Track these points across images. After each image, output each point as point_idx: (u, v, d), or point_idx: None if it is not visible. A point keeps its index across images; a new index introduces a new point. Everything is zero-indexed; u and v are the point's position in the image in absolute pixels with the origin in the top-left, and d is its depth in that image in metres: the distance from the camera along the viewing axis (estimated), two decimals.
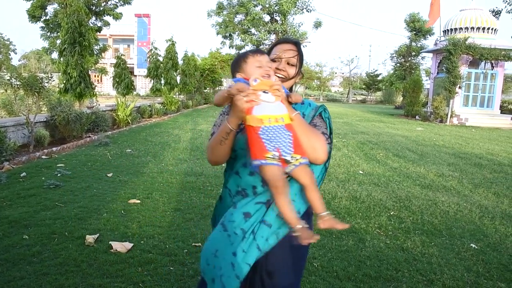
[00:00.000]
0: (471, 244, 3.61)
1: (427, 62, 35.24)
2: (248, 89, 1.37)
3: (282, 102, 1.42)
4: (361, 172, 6.66)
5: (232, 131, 1.46)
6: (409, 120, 19.15)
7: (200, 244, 3.44)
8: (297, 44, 1.66)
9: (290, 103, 1.47)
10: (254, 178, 1.51)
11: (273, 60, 1.61)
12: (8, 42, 60.12)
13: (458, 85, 17.90)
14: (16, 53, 62.77)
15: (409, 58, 35.02)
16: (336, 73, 52.58)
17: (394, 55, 36.62)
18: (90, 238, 3.45)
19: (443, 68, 18.83)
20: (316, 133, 1.50)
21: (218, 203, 1.75)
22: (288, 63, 1.62)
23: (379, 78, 45.68)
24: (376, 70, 47.86)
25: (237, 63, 1.53)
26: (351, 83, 49.56)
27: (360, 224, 4.08)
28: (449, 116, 18.05)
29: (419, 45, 33.88)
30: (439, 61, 20.14)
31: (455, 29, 19.78)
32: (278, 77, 1.58)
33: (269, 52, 1.66)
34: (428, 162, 7.72)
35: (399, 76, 35.74)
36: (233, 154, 1.58)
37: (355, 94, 51.26)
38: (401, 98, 33.86)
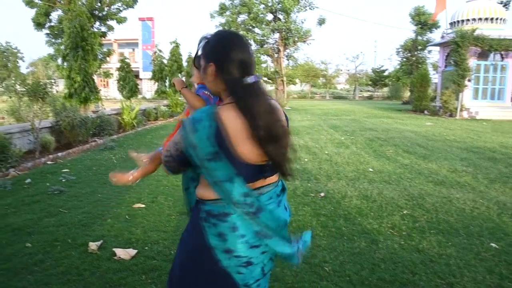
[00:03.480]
0: (491, 244, 3.43)
1: (434, 55, 34.75)
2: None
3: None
4: (371, 169, 6.49)
5: None
6: (418, 115, 18.86)
7: None
8: (196, 54, 1.62)
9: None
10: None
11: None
12: (16, 50, 60.76)
13: (467, 78, 17.57)
14: (24, 61, 63.48)
15: (416, 52, 34.55)
16: (341, 70, 52.19)
17: (400, 49, 36.15)
18: (93, 245, 3.35)
19: (451, 61, 18.52)
20: None
21: None
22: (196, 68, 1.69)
23: (386, 73, 45.19)
24: (382, 66, 47.42)
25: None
26: (357, 79, 49.15)
27: (372, 224, 3.93)
28: (458, 109, 17.73)
29: (425, 39, 33.39)
30: (446, 54, 19.82)
31: (462, 20, 19.44)
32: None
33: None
34: (440, 158, 7.52)
35: (406, 71, 35.30)
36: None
37: (361, 91, 50.84)
38: (409, 93, 33.45)
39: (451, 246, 3.40)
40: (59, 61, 18.21)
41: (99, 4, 17.27)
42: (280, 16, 25.21)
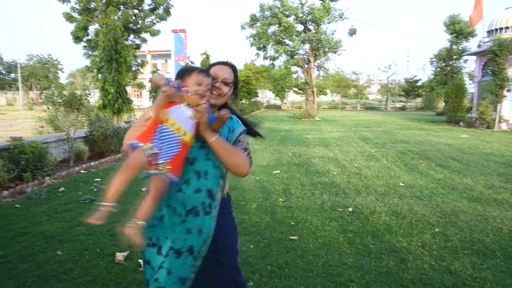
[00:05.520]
0: None
1: (470, 65, 33.68)
2: (177, 92, 1.54)
3: (198, 125, 1.58)
4: (401, 184, 6.30)
5: (151, 118, 1.58)
6: (453, 127, 18.22)
7: None
8: (233, 67, 1.84)
9: (214, 128, 1.65)
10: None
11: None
12: (56, 62, 63.86)
13: (506, 88, 16.87)
14: (63, 72, 66.55)
15: (450, 62, 33.54)
16: (373, 80, 51.41)
17: (434, 59, 35.23)
18: (120, 256, 3.41)
19: (488, 70, 17.84)
20: (237, 151, 1.71)
21: None
22: (224, 82, 1.76)
23: (419, 83, 44.13)
24: (415, 76, 46.34)
25: (182, 73, 1.68)
26: (389, 90, 48.23)
27: (402, 242, 3.79)
28: (496, 121, 17.00)
29: (460, 48, 32.38)
30: (483, 63, 19.13)
31: (501, 28, 18.74)
32: (213, 93, 1.73)
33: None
34: (476, 172, 7.20)
35: (440, 81, 34.32)
36: None
37: (393, 101, 49.81)
38: (443, 104, 32.46)
39: (486, 268, 3.22)
40: (95, 72, 18.96)
41: (133, 18, 17.90)
42: (311, 27, 25.21)
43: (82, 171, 7.27)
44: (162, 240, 1.71)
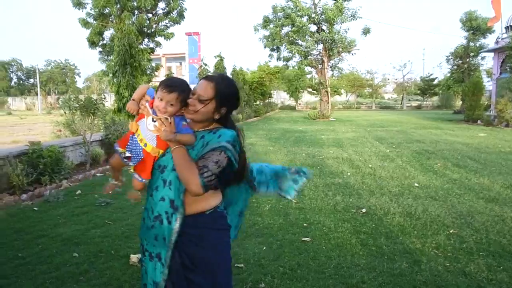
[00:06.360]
0: None
1: (487, 62, 32.94)
2: (140, 105, 1.79)
3: (160, 137, 1.72)
4: (416, 184, 6.22)
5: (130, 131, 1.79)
6: (470, 126, 17.87)
7: (243, 265, 3.33)
8: (217, 82, 1.77)
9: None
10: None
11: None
12: (74, 67, 65.23)
13: None
14: (80, 76, 68.04)
15: (467, 59, 32.90)
16: (388, 79, 50.76)
17: (450, 57, 34.59)
18: (134, 258, 3.48)
19: (507, 67, 17.49)
20: (190, 167, 1.64)
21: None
22: (198, 99, 1.74)
23: (435, 82, 43.36)
24: (431, 74, 45.57)
25: (160, 83, 1.77)
26: (405, 88, 47.56)
27: (415, 243, 3.75)
28: None
29: (477, 45, 31.73)
30: (501, 60, 18.74)
31: None
32: (188, 109, 1.76)
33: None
34: (493, 172, 7.05)
35: (457, 79, 33.71)
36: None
37: (409, 100, 49.09)
38: (460, 102, 31.85)
39: (502, 270, 3.16)
40: (111, 76, 19.25)
41: (148, 22, 18.11)
42: (324, 27, 25.09)
43: (98, 174, 7.41)
44: (143, 240, 1.84)
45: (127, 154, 1.78)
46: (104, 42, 18.27)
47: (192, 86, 1.81)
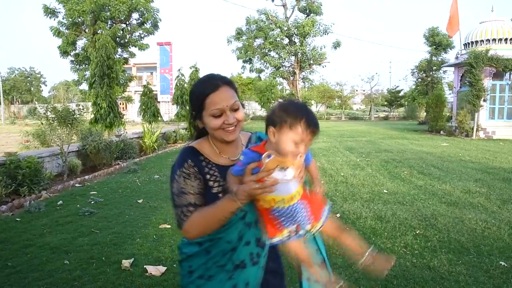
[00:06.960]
0: (501, 262, 3.59)
1: (449, 76, 34.84)
2: (260, 169, 1.18)
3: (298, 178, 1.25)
4: (385, 191, 6.67)
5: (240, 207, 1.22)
6: (434, 136, 18.87)
7: None
8: (229, 82, 1.43)
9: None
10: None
11: (217, 116, 1.37)
12: (39, 75, 63.21)
13: (483, 98, 17.61)
14: (46, 85, 65.82)
15: (431, 73, 34.66)
16: (357, 90, 52.46)
17: (415, 70, 36.35)
18: (126, 263, 3.64)
19: (466, 81, 18.60)
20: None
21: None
22: (232, 109, 1.38)
23: (401, 94, 45.26)
24: (397, 86, 47.58)
25: (280, 120, 1.25)
26: (372, 100, 49.26)
27: (386, 243, 4.12)
28: (475, 130, 17.70)
29: (440, 60, 33.54)
30: (461, 74, 19.91)
31: (476, 41, 19.59)
32: (228, 130, 1.39)
33: (201, 104, 1.38)
34: (454, 179, 7.64)
35: (421, 91, 35.36)
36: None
37: (377, 111, 50.82)
38: (425, 114, 33.38)
39: (461, 264, 3.57)
40: (83, 86, 19.00)
41: (121, 32, 18.15)
42: (296, 40, 25.85)
43: (77, 185, 7.43)
44: None
45: (293, 228, 1.27)
46: (77, 51, 18.11)
47: (166, 97, 1.42)
